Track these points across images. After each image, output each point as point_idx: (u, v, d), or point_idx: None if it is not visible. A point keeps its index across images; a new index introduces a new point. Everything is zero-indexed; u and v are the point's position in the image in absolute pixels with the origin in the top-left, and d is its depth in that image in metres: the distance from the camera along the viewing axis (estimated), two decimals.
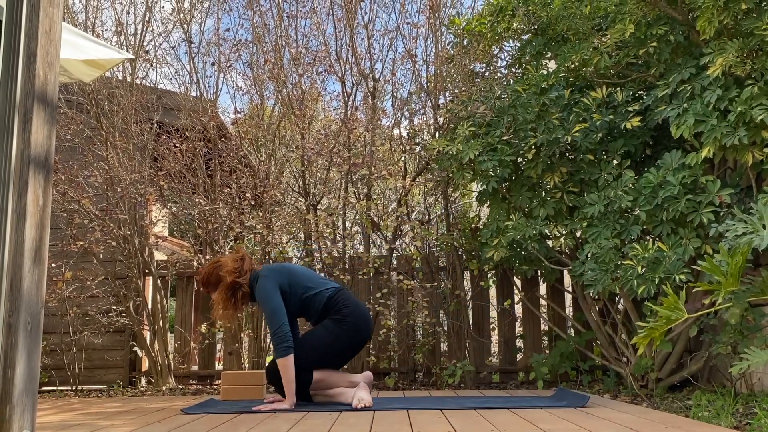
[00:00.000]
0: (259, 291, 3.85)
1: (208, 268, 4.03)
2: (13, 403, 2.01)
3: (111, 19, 5.79)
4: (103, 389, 5.52)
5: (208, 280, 4.00)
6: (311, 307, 3.95)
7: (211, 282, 3.99)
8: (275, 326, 3.71)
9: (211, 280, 3.99)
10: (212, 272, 3.99)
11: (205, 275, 4.02)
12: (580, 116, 4.39)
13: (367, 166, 5.59)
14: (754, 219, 2.94)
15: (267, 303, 3.79)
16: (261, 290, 3.85)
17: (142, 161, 5.61)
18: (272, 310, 3.76)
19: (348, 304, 3.92)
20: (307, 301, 3.93)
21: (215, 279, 3.97)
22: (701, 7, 3.73)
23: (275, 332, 3.70)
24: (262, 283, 3.87)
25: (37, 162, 2.14)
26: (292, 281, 3.93)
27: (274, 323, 3.72)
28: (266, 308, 3.79)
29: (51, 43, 2.25)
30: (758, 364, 2.70)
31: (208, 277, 4.00)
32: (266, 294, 3.81)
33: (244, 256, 4.03)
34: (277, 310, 3.77)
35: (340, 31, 5.91)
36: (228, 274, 3.92)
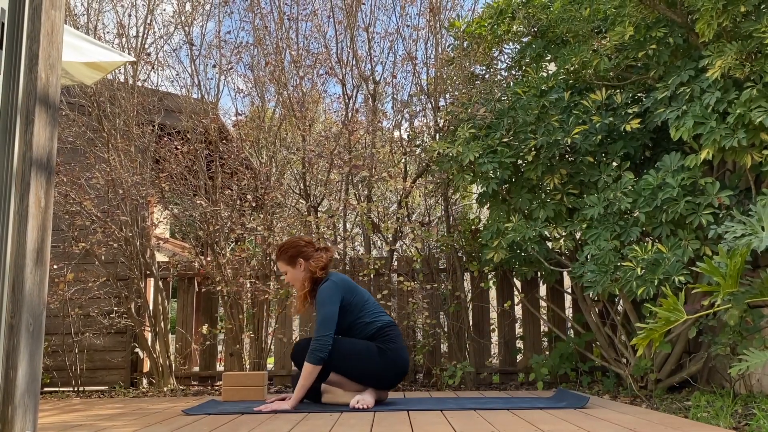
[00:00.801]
0: (323, 291, 3.82)
1: (299, 248, 3.99)
2: (15, 404, 2.00)
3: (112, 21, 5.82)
4: (105, 390, 5.54)
5: (294, 259, 3.99)
6: (358, 333, 3.89)
7: (295, 263, 3.98)
8: (323, 332, 3.68)
9: (294, 261, 3.98)
10: (301, 254, 3.97)
11: (295, 252, 3.99)
12: (580, 118, 4.41)
13: (367, 168, 5.60)
14: (753, 221, 2.94)
15: (325, 307, 3.75)
16: (325, 291, 3.81)
17: (144, 163, 5.62)
18: (327, 316, 3.73)
19: (396, 341, 3.86)
20: (357, 325, 3.88)
21: (301, 263, 3.97)
22: (700, 9, 3.74)
23: (320, 338, 3.67)
24: (329, 287, 3.84)
25: (39, 164, 2.14)
26: (352, 301, 3.88)
27: (323, 329, 3.69)
28: (322, 311, 3.75)
29: (53, 45, 2.25)
30: (757, 365, 2.70)
31: (295, 256, 3.98)
32: (328, 298, 3.78)
33: (332, 255, 4.04)
34: (331, 318, 3.74)
35: (341, 33, 5.93)
36: (318, 269, 3.93)
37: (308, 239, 4.07)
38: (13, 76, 2.15)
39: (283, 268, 4.04)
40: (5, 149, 2.11)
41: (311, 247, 4.02)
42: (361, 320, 3.87)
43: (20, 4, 2.19)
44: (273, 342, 5.66)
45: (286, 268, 4.02)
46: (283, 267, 4.03)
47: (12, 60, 2.16)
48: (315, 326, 3.76)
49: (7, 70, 2.15)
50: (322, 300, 3.79)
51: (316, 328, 3.73)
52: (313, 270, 3.93)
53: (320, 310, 3.77)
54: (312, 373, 3.67)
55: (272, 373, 5.64)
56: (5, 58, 2.14)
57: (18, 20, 2.18)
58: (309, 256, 3.98)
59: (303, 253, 3.97)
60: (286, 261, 4.00)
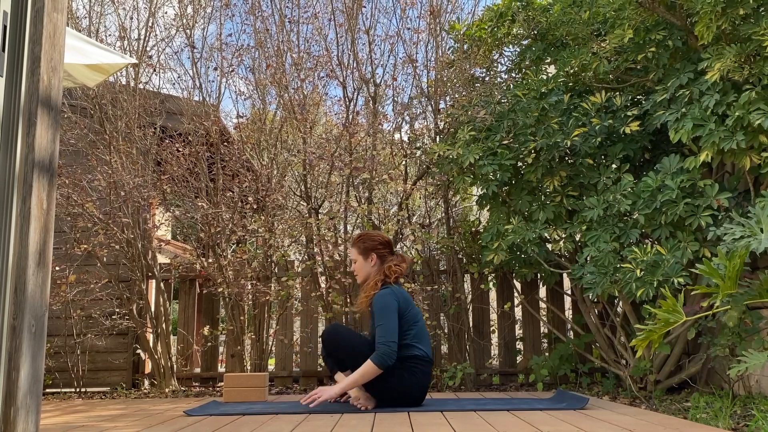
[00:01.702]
0: (383, 297, 3.79)
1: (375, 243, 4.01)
2: (17, 405, 1.99)
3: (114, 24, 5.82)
4: (107, 391, 5.55)
5: (368, 252, 4.00)
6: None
7: (367, 256, 4.00)
8: (390, 338, 3.66)
9: (368, 254, 4.00)
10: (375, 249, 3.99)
11: (371, 246, 4.01)
12: (580, 121, 4.42)
13: (368, 170, 5.61)
14: (751, 223, 2.94)
15: (389, 314, 3.73)
16: (385, 297, 3.80)
17: (146, 165, 5.64)
18: (392, 325, 3.71)
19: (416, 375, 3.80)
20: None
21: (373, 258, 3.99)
22: (699, 12, 3.75)
23: (388, 343, 3.65)
24: (388, 293, 3.82)
25: (41, 166, 2.13)
26: (404, 316, 3.83)
27: (389, 335, 3.67)
28: (385, 320, 3.72)
29: (55, 48, 2.25)
30: (756, 367, 2.70)
31: (370, 250, 4.00)
32: (389, 306, 3.76)
33: (407, 267, 4.04)
34: (395, 327, 3.73)
35: (342, 36, 5.94)
36: (393, 273, 3.94)
37: (388, 239, 4.08)
38: (15, 78, 2.13)
39: (354, 256, 4.06)
40: (8, 151, 2.10)
41: (388, 248, 4.04)
42: (404, 341, 3.82)
43: (22, 6, 2.19)
44: (274, 343, 5.68)
45: (357, 257, 4.04)
46: (355, 255, 4.05)
47: (14, 62, 2.15)
48: (378, 330, 3.72)
49: (9, 72, 2.14)
50: (383, 306, 3.76)
51: (381, 333, 3.69)
52: (389, 275, 3.93)
53: (383, 318, 3.73)
54: (372, 374, 3.65)
55: (273, 374, 5.65)
56: (7, 60, 2.14)
57: (20, 23, 2.18)
58: (383, 257, 4.00)
59: (378, 250, 4.00)
60: (360, 250, 4.02)
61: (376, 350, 3.66)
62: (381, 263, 3.99)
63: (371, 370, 3.63)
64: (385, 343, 3.66)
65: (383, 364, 3.63)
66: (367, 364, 3.63)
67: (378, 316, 3.75)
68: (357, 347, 3.81)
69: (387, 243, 4.05)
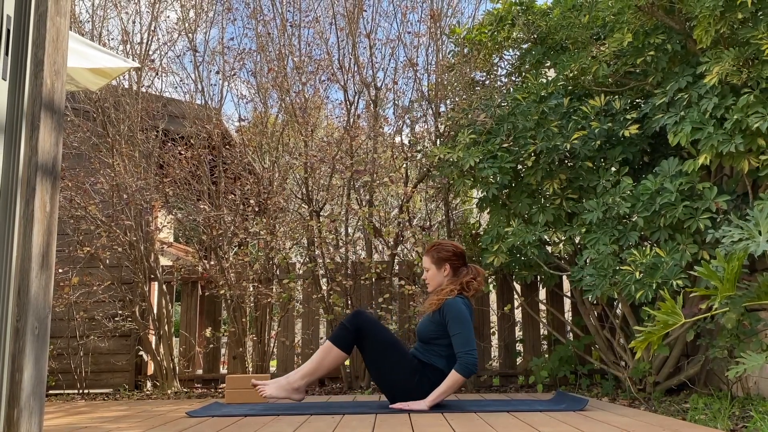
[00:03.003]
0: (459, 306, 3.81)
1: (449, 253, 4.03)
2: (21, 407, 1.99)
3: (117, 28, 5.83)
4: (110, 393, 5.58)
5: (442, 262, 4.03)
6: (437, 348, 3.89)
7: (441, 266, 4.03)
8: (472, 347, 3.72)
9: (441, 264, 4.03)
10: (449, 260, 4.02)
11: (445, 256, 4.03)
12: (579, 124, 4.44)
13: (369, 173, 5.63)
14: (750, 225, 2.94)
15: (466, 326, 3.76)
16: (461, 306, 3.82)
17: (148, 168, 5.66)
18: (471, 335, 3.75)
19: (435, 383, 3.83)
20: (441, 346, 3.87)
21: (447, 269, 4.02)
22: (698, 16, 3.76)
23: (471, 352, 3.70)
24: (463, 302, 3.87)
25: (44, 169, 2.13)
26: None
27: (470, 345, 3.71)
28: (464, 329, 3.75)
29: (58, 51, 2.25)
30: (754, 368, 2.71)
31: (444, 260, 4.03)
32: (466, 319, 3.79)
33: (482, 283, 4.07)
34: (473, 338, 3.78)
35: (343, 40, 5.96)
36: (473, 290, 3.98)
37: (461, 249, 4.10)
38: (18, 82, 2.13)
39: (426, 265, 4.08)
40: (11, 154, 2.10)
41: (461, 259, 4.06)
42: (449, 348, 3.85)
43: (26, 11, 2.19)
44: (275, 345, 5.70)
45: (430, 266, 4.06)
46: (428, 264, 4.07)
47: (18, 66, 2.15)
48: (457, 339, 3.75)
49: (12, 76, 2.14)
50: (460, 314, 3.78)
51: (462, 342, 3.72)
52: (467, 290, 3.96)
53: (461, 324, 3.75)
54: (459, 384, 3.72)
55: (275, 376, 5.67)
56: (11, 64, 2.14)
57: (23, 27, 2.17)
58: (456, 268, 4.02)
59: (451, 261, 4.02)
60: (433, 260, 4.05)
61: (458, 360, 3.71)
62: (453, 274, 4.02)
63: (458, 379, 3.69)
64: (468, 353, 3.70)
65: (469, 373, 3.69)
66: (454, 375, 3.68)
67: (454, 324, 3.77)
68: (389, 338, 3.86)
69: (461, 254, 4.07)
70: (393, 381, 3.83)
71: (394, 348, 3.85)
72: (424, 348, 3.92)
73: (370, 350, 3.84)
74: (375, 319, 3.88)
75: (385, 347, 3.82)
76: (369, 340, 3.84)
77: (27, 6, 2.19)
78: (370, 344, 3.84)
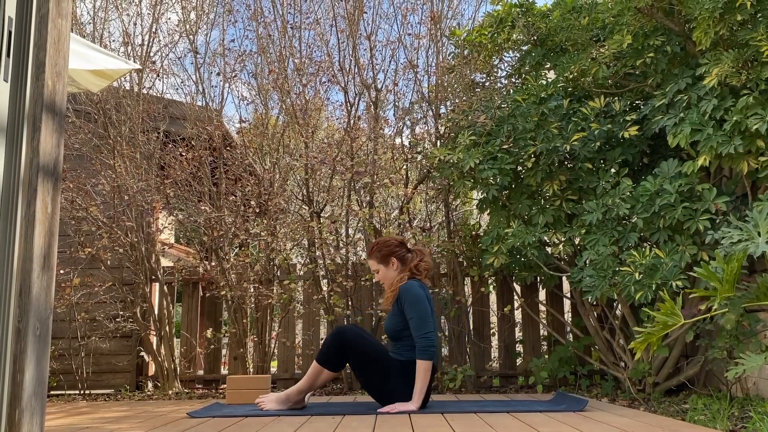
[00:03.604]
0: (411, 289, 3.83)
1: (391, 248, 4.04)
2: (22, 407, 1.99)
3: (118, 30, 5.83)
4: (111, 393, 5.59)
5: (387, 258, 4.03)
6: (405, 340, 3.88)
7: (387, 262, 4.03)
8: (427, 329, 3.71)
9: (387, 260, 4.03)
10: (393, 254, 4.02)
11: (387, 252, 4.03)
12: (579, 125, 4.45)
13: (369, 174, 5.64)
14: (749, 226, 2.95)
15: (420, 306, 3.77)
16: (413, 289, 3.83)
17: (149, 170, 5.67)
18: (424, 313, 3.76)
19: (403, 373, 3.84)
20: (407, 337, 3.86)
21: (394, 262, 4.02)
22: (697, 18, 3.77)
23: (427, 335, 3.70)
24: (415, 285, 3.87)
25: (45, 170, 2.13)
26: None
27: (426, 326, 3.72)
28: (418, 310, 3.75)
29: (59, 53, 2.25)
30: (753, 369, 2.72)
31: (388, 255, 4.03)
32: (420, 298, 3.80)
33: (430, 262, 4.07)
34: (429, 315, 3.78)
35: (343, 42, 5.97)
36: (424, 271, 3.99)
37: (400, 239, 4.12)
38: (20, 83, 2.12)
39: (374, 267, 4.08)
40: (13, 156, 2.09)
41: (404, 248, 4.07)
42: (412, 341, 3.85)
43: (27, 12, 2.18)
44: (276, 346, 5.71)
45: (377, 267, 4.06)
46: (375, 266, 4.08)
47: (19, 68, 2.14)
48: (412, 323, 3.76)
49: (14, 77, 2.13)
50: (413, 297, 3.78)
51: (417, 326, 3.73)
52: (417, 273, 3.98)
53: (416, 309, 3.76)
54: (428, 370, 3.70)
55: (276, 377, 5.69)
56: (12, 66, 2.14)
57: (25, 29, 2.17)
58: (403, 258, 4.03)
59: (395, 253, 4.03)
60: (378, 260, 4.05)
61: (417, 346, 3.71)
62: (402, 264, 4.03)
63: (424, 366, 3.69)
64: (424, 336, 3.71)
65: (430, 356, 3.68)
66: (419, 364, 3.69)
67: (409, 308, 3.78)
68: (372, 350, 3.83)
69: (401, 243, 4.09)
70: (381, 388, 3.82)
71: (378, 358, 3.81)
72: (397, 346, 3.92)
73: (357, 365, 3.83)
74: (357, 334, 3.83)
75: (370, 360, 3.79)
76: (354, 357, 3.82)
77: (28, 8, 2.19)
78: (355, 361, 3.82)
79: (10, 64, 2.13)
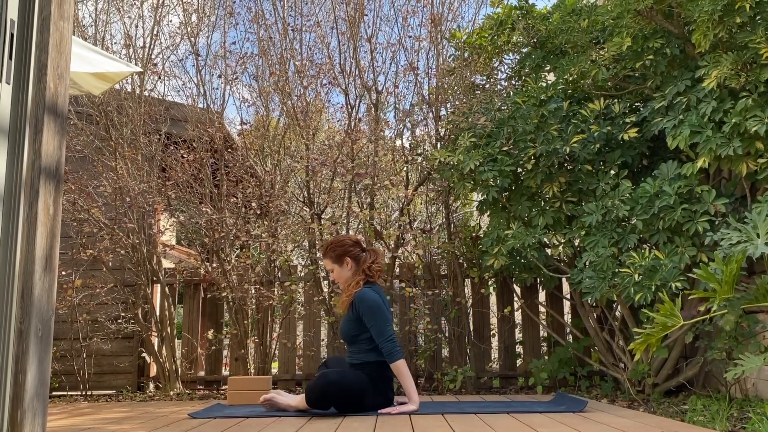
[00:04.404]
0: (368, 295, 3.84)
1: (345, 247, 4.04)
2: (24, 408, 2.01)
3: (120, 32, 5.85)
4: (112, 394, 5.60)
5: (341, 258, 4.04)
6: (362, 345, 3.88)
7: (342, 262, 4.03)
8: (388, 334, 3.75)
9: (341, 260, 4.04)
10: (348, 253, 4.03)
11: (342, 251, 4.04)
12: (579, 127, 4.46)
13: (370, 176, 5.65)
14: (748, 228, 2.96)
15: (378, 314, 3.79)
16: (370, 295, 3.85)
17: (151, 171, 5.69)
18: (385, 319, 3.78)
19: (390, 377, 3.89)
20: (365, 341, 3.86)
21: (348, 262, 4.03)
22: (697, 21, 3.78)
23: (389, 339, 3.73)
24: (371, 290, 3.90)
25: (47, 172, 2.15)
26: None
27: (387, 331, 3.75)
28: (377, 318, 3.78)
29: (61, 56, 2.25)
30: (752, 370, 2.73)
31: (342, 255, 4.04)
32: (377, 305, 3.82)
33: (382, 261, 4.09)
34: (388, 320, 3.81)
35: (344, 44, 5.99)
36: (376, 272, 3.99)
37: (355, 239, 4.13)
38: (22, 85, 2.13)
39: (329, 266, 4.09)
40: (15, 157, 2.10)
41: (358, 247, 4.08)
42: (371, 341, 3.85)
43: (29, 15, 2.19)
44: (277, 347, 5.72)
45: (332, 266, 4.07)
46: (330, 265, 4.08)
47: (21, 70, 2.15)
48: (374, 331, 3.78)
49: (16, 80, 2.13)
50: (370, 305, 3.80)
51: (379, 333, 3.75)
52: (371, 274, 3.99)
53: (373, 315, 3.79)
54: (404, 366, 3.72)
55: (276, 378, 5.70)
56: (15, 68, 2.14)
57: (27, 31, 2.17)
58: (357, 257, 4.04)
59: (350, 253, 4.03)
60: (333, 259, 4.06)
61: (383, 351, 3.73)
62: (357, 264, 4.03)
63: (401, 366, 3.71)
64: (387, 341, 3.74)
65: (398, 357, 3.71)
66: (398, 365, 3.71)
67: (368, 317, 3.80)
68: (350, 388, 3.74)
69: (356, 242, 4.09)
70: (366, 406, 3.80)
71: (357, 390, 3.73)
72: (353, 350, 3.93)
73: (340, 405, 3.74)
74: (336, 378, 3.71)
75: (350, 396, 3.71)
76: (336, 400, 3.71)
77: (30, 10, 2.20)
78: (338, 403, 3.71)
79: (12, 66, 2.14)
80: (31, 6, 2.21)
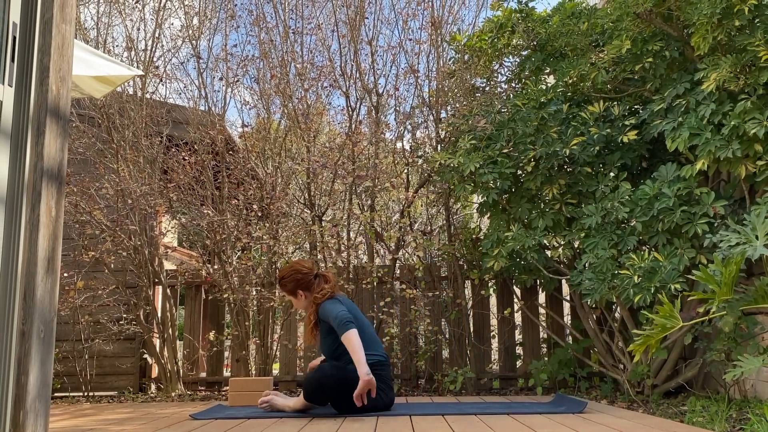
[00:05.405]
0: (326, 307, 3.89)
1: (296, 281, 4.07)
2: (26, 409, 2.02)
3: (122, 35, 5.86)
4: (114, 395, 5.61)
5: (294, 291, 4.09)
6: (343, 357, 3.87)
7: (296, 294, 4.09)
8: (340, 316, 3.74)
9: (295, 293, 4.09)
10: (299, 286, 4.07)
11: (293, 286, 4.07)
12: (578, 130, 4.47)
13: (370, 178, 5.66)
14: (747, 230, 2.96)
15: (335, 308, 3.82)
16: (326, 306, 3.89)
17: (152, 174, 5.71)
18: (339, 308, 3.81)
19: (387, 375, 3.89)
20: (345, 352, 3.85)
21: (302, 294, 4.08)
22: (696, 23, 3.79)
23: (336, 316, 3.74)
24: (331, 300, 3.94)
25: (49, 174, 2.16)
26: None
27: (339, 316, 3.75)
28: (331, 309, 3.82)
29: (63, 58, 2.26)
30: (751, 371, 2.73)
31: (295, 289, 4.08)
32: (333, 306, 3.85)
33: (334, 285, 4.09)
34: (343, 309, 3.81)
35: (345, 47, 6.01)
36: (323, 297, 3.99)
37: (305, 265, 4.12)
38: (24, 88, 2.15)
39: (286, 296, 4.19)
40: (17, 160, 2.10)
41: (309, 274, 4.08)
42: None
43: (31, 18, 2.19)
44: (278, 348, 5.73)
45: (289, 297, 4.18)
46: (287, 296, 4.18)
47: (23, 73, 2.15)
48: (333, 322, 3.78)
49: (18, 82, 2.14)
50: (329, 311, 3.83)
51: (334, 320, 3.76)
52: (319, 302, 3.99)
53: (329, 311, 3.82)
54: (355, 338, 3.68)
55: (278, 379, 5.70)
56: (17, 71, 2.15)
57: (29, 34, 2.18)
58: (309, 286, 4.07)
59: (301, 284, 4.07)
60: (287, 293, 4.14)
61: (336, 329, 3.75)
62: (309, 292, 4.09)
63: (351, 338, 3.68)
64: (334, 318, 3.75)
65: (350, 327, 3.70)
66: (346, 337, 3.69)
67: (327, 317, 3.84)
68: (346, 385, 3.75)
69: (304, 273, 4.08)
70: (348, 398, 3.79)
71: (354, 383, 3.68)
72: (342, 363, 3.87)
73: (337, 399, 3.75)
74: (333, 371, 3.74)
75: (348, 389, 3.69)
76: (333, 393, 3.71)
77: (33, 13, 2.21)
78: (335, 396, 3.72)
79: (14, 69, 2.15)
80: (33, 9, 2.22)
